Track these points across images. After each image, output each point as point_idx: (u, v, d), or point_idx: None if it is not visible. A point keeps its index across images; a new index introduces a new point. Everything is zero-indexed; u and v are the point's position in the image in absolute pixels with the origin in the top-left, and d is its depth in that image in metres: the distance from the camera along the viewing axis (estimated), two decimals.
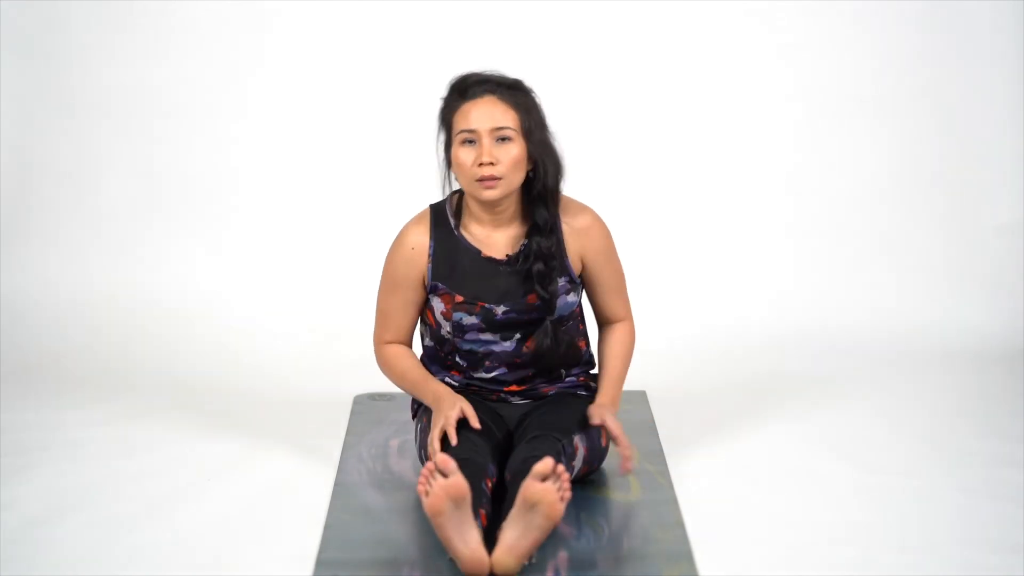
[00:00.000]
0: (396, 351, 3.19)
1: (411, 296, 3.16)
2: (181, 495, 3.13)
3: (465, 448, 2.92)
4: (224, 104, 4.66)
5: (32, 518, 3.00)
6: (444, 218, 3.15)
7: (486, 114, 3.02)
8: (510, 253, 3.12)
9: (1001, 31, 4.63)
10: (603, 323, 3.25)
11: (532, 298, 3.12)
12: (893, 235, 4.66)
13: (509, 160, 3.03)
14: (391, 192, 4.62)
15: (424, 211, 3.18)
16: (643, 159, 4.69)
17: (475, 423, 2.99)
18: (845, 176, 4.69)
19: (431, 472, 2.70)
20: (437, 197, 3.20)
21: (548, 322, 3.11)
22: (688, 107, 4.70)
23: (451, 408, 3.01)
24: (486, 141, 3.02)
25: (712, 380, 4.06)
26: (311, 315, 4.46)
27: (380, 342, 3.22)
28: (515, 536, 2.68)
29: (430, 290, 3.14)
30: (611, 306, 3.22)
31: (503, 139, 3.03)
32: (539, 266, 3.08)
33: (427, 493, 2.68)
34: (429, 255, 3.13)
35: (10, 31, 4.60)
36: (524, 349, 3.15)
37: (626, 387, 3.81)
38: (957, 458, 3.39)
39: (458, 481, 2.68)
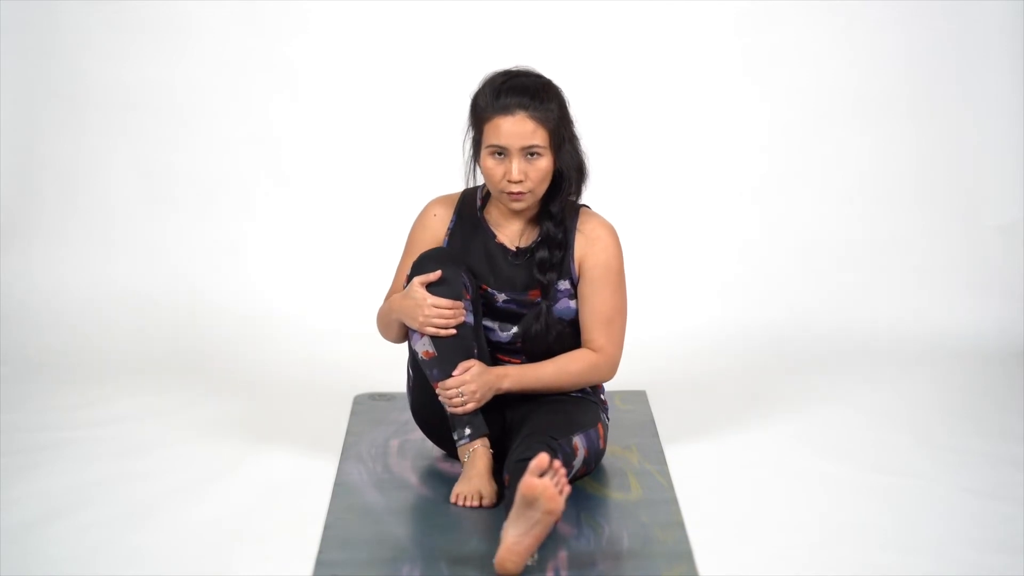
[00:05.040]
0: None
1: None
2: (181, 495, 3.13)
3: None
4: (229, 104, 4.65)
5: (32, 518, 3.00)
6: (472, 200, 3.24)
7: (517, 133, 3.06)
8: (521, 246, 3.18)
9: (1001, 31, 4.63)
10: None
11: (534, 294, 3.16)
12: (892, 235, 4.65)
13: (537, 175, 3.10)
14: (394, 193, 4.62)
15: (456, 192, 3.27)
16: (639, 159, 4.68)
17: (434, 276, 3.07)
18: (845, 175, 4.69)
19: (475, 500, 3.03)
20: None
21: (542, 306, 3.14)
22: (685, 105, 4.70)
23: (417, 290, 3.07)
24: (516, 159, 3.07)
25: (712, 380, 4.06)
26: (312, 316, 4.46)
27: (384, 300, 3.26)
28: (518, 534, 2.69)
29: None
30: (591, 333, 3.17)
31: (532, 155, 3.07)
32: (543, 253, 3.14)
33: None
34: (449, 228, 3.22)
35: (12, 30, 4.59)
36: (518, 344, 3.19)
37: (626, 387, 3.82)
38: (957, 458, 3.39)
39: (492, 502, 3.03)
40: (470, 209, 3.23)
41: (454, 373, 3.07)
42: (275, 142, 4.68)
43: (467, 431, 3.08)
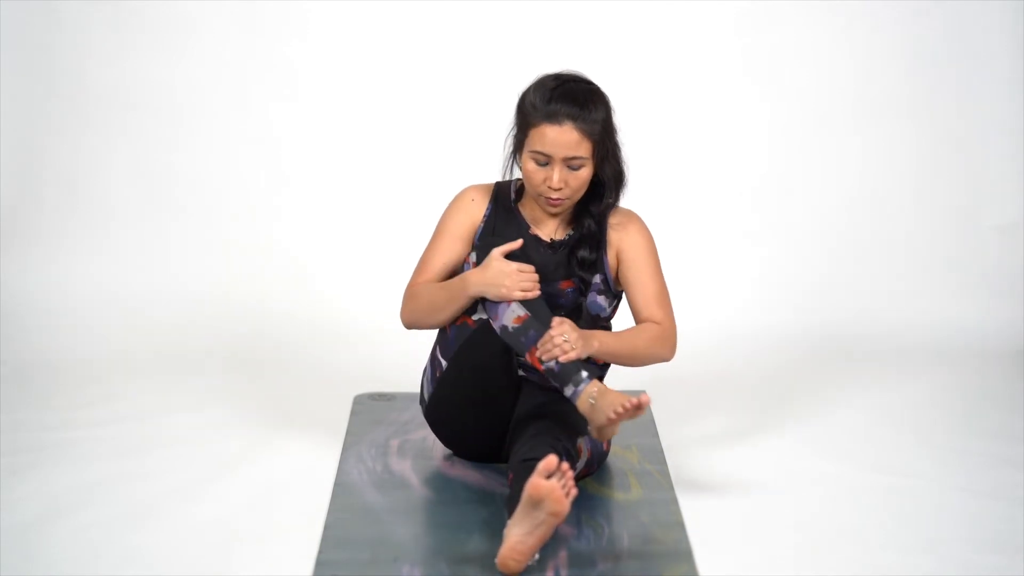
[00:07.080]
0: (423, 284, 3.19)
1: (455, 246, 3.20)
2: (181, 495, 3.13)
3: None
4: (229, 104, 4.66)
5: (32, 518, 3.00)
6: (506, 191, 3.24)
7: (562, 143, 3.06)
8: (555, 238, 3.19)
9: (1001, 31, 4.63)
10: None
11: (564, 284, 3.17)
12: (893, 235, 4.66)
13: (577, 183, 3.11)
14: (394, 193, 4.63)
15: (490, 183, 3.27)
16: (638, 159, 4.66)
17: (516, 244, 3.06)
18: (845, 176, 4.69)
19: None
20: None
21: (583, 303, 3.16)
22: (686, 105, 4.70)
23: (498, 260, 3.03)
24: (558, 167, 3.08)
25: (712, 380, 4.06)
26: (312, 315, 4.46)
27: (410, 285, 3.22)
28: (522, 534, 2.70)
29: (473, 248, 3.18)
30: (647, 310, 3.17)
31: (574, 165, 3.08)
32: (584, 252, 3.16)
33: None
34: (485, 215, 3.22)
35: (12, 30, 4.59)
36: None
37: (626, 387, 3.82)
38: (957, 458, 3.39)
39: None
40: (505, 200, 3.24)
41: (551, 325, 3.03)
42: (275, 142, 4.68)
43: (584, 373, 3.00)
